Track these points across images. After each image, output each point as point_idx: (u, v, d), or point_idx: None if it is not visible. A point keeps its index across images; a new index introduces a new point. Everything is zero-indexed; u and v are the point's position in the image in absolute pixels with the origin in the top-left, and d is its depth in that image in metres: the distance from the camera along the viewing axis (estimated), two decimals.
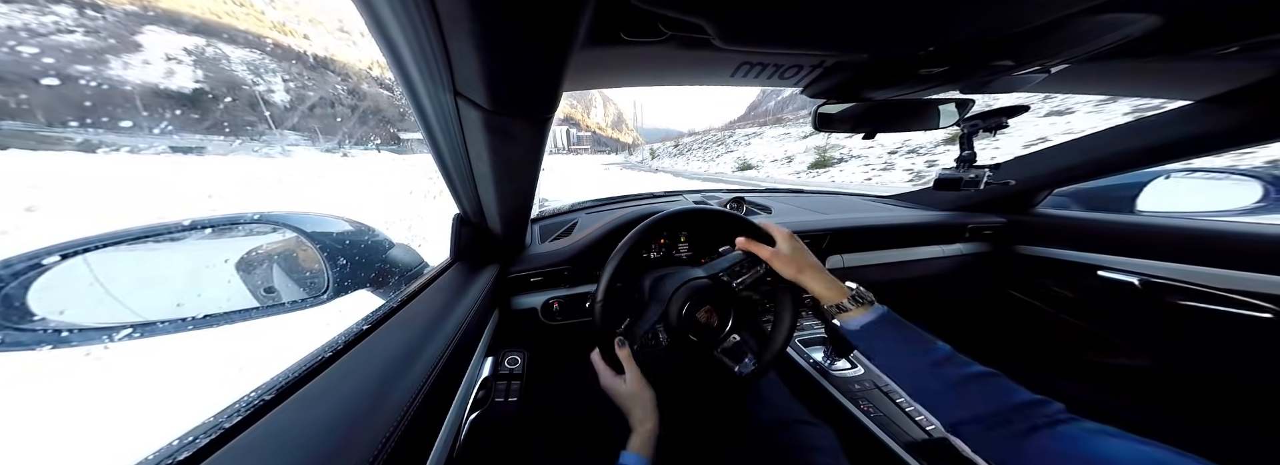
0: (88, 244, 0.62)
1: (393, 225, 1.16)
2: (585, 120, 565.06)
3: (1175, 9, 0.49)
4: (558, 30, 0.32)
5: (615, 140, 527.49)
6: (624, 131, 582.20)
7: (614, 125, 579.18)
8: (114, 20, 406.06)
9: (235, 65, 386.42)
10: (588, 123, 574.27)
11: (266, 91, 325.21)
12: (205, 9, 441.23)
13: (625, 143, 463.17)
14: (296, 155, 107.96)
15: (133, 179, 21.83)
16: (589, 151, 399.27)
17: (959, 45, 0.55)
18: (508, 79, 0.38)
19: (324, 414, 0.42)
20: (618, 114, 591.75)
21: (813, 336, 1.28)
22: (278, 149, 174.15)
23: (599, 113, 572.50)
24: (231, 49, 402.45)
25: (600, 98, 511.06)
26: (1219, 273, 1.06)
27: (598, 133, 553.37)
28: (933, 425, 0.91)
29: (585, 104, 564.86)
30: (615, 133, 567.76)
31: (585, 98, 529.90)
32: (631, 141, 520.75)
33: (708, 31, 0.47)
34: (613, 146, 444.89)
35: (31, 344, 0.58)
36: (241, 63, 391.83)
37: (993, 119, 0.91)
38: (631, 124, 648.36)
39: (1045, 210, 1.54)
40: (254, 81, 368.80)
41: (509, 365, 0.99)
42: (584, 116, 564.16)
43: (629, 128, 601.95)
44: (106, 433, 1.19)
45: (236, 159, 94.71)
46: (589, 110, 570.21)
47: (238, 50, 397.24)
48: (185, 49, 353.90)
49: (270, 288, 0.88)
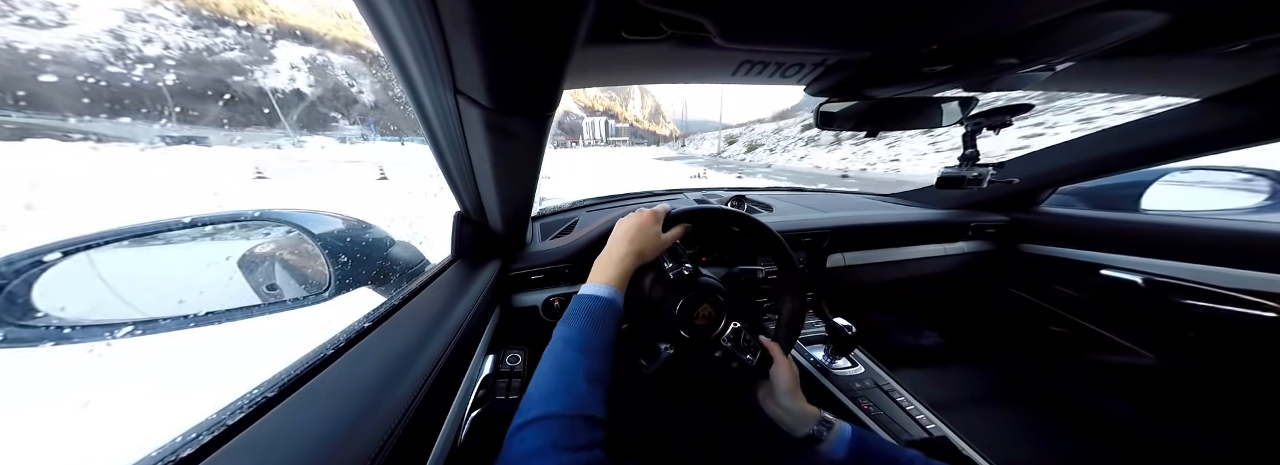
0: (90, 241, 0.62)
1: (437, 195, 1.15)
2: (623, 113, 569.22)
3: (1182, 6, 0.49)
4: (559, 29, 0.32)
5: (652, 133, 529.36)
6: (661, 124, 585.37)
7: (651, 118, 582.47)
8: (257, 38, 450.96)
9: (337, 71, 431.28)
10: (625, 115, 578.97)
11: (357, 92, 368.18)
12: (319, 23, 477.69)
13: (662, 135, 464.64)
14: (376, 143, 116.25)
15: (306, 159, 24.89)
16: (627, 143, 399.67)
17: (962, 43, 0.54)
18: (508, 77, 0.38)
19: (326, 411, 0.42)
20: (655, 106, 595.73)
21: (813, 335, 1.27)
22: (358, 135, 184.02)
23: (636, 105, 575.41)
24: (335, 57, 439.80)
25: (639, 90, 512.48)
26: (1224, 272, 1.05)
27: (635, 125, 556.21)
28: (933, 424, 0.91)
29: (623, 96, 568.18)
30: (653, 125, 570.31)
31: (623, 90, 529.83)
32: (669, 133, 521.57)
33: (709, 30, 0.46)
34: (649, 139, 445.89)
35: (34, 341, 0.58)
36: (341, 68, 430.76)
37: (996, 117, 0.90)
38: (670, 117, 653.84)
39: (1049, 209, 1.53)
40: (350, 84, 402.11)
41: (510, 363, 0.99)
42: (622, 109, 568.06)
43: (666, 120, 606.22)
44: (108, 432, 1.20)
45: (339, 146, 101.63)
46: (627, 102, 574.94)
47: (339, 57, 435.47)
48: (303, 58, 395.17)
49: (272, 285, 0.88)
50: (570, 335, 0.59)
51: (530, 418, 0.47)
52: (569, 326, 0.60)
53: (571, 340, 0.58)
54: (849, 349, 1.11)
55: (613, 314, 0.64)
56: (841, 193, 1.99)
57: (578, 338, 0.58)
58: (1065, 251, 1.41)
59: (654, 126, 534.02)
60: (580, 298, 0.66)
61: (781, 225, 1.31)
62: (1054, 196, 1.53)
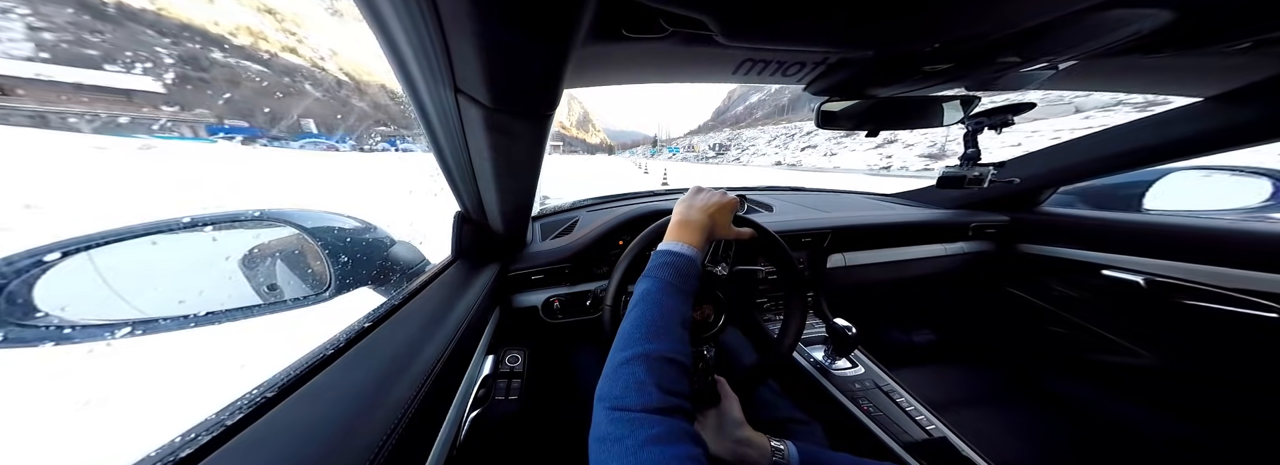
0: (90, 241, 0.62)
1: None
2: None
3: (1185, 5, 0.48)
4: (559, 27, 0.32)
5: (582, 140, 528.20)
6: (591, 132, 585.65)
7: (579, 125, 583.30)
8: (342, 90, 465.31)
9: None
10: None
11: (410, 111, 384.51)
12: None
13: (593, 143, 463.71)
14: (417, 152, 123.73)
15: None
16: (561, 151, 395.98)
17: (965, 41, 0.54)
18: (508, 76, 0.38)
19: (326, 411, 0.42)
20: (583, 113, 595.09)
21: (813, 336, 1.27)
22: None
23: (563, 112, 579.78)
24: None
25: (566, 96, 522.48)
26: (1226, 272, 1.05)
27: (563, 132, 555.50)
28: (932, 425, 0.91)
29: None
30: (582, 133, 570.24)
31: None
32: (599, 142, 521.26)
33: (710, 28, 0.46)
34: (580, 146, 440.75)
35: (34, 341, 0.58)
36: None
37: (998, 116, 0.90)
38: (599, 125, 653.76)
39: (1050, 209, 1.53)
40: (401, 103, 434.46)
41: (510, 363, 0.99)
42: None
43: (596, 128, 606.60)
44: (108, 432, 1.20)
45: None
46: None
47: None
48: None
49: (273, 285, 0.88)
50: (658, 286, 0.57)
51: (636, 353, 0.47)
52: (655, 279, 0.58)
53: (660, 290, 0.56)
54: (849, 350, 1.11)
55: (695, 272, 0.61)
56: (842, 193, 1.98)
57: (667, 287, 0.56)
58: (1066, 251, 1.40)
59: (583, 134, 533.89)
60: (661, 253, 0.63)
61: (781, 225, 1.31)
62: (1055, 196, 1.53)
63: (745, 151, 32.38)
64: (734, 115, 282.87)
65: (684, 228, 0.68)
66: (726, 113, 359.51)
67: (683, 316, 0.54)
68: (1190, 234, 1.14)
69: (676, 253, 0.62)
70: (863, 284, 1.48)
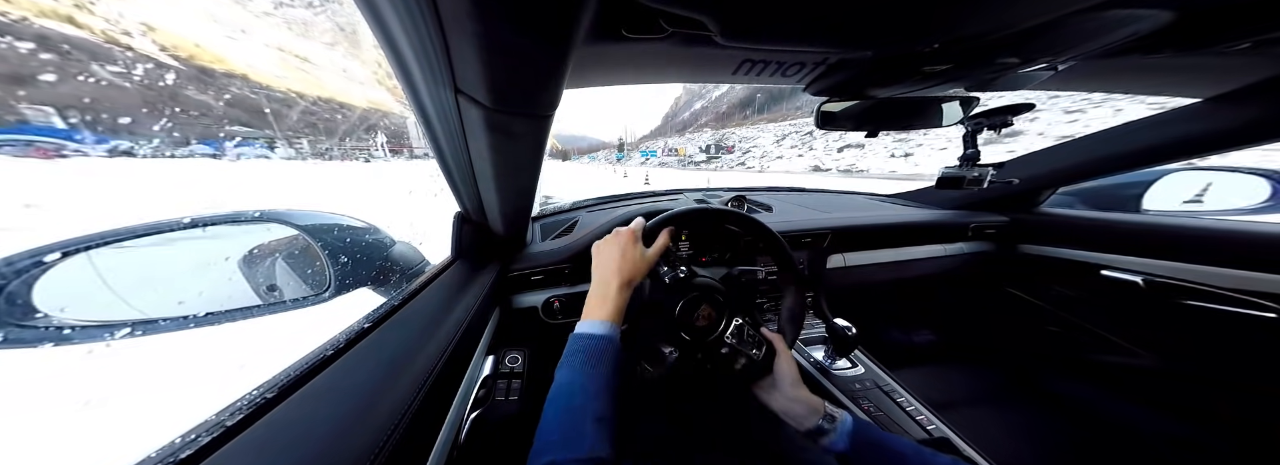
0: (89, 241, 0.62)
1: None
2: None
3: (1185, 5, 0.49)
4: (559, 27, 0.32)
5: None
6: None
7: None
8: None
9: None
10: None
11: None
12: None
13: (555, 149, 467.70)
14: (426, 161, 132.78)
15: None
16: None
17: (964, 42, 0.54)
18: (508, 76, 0.38)
19: (325, 412, 0.42)
20: None
21: (813, 336, 1.27)
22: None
23: None
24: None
25: None
26: (1224, 272, 1.05)
27: None
28: (933, 425, 0.91)
29: None
30: None
31: None
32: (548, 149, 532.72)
33: (710, 28, 0.46)
34: None
35: (34, 341, 0.58)
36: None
37: (997, 117, 0.90)
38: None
39: (1049, 209, 1.53)
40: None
41: (510, 364, 0.99)
42: None
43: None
44: (109, 431, 1.20)
45: None
46: None
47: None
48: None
49: (272, 285, 0.88)
50: (571, 378, 0.57)
51: (545, 462, 0.48)
52: (569, 368, 0.59)
53: (572, 383, 0.57)
54: (849, 350, 1.11)
55: (612, 351, 0.61)
56: (842, 193, 1.99)
57: (579, 379, 0.57)
58: (1065, 252, 1.41)
59: None
60: (577, 337, 0.63)
61: (781, 225, 1.31)
62: (1054, 197, 1.53)
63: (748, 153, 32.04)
64: (681, 121, 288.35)
65: (594, 300, 0.69)
66: (675, 118, 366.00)
67: (594, 412, 0.53)
68: (1189, 234, 1.14)
69: (588, 335, 0.63)
70: (863, 284, 1.48)
